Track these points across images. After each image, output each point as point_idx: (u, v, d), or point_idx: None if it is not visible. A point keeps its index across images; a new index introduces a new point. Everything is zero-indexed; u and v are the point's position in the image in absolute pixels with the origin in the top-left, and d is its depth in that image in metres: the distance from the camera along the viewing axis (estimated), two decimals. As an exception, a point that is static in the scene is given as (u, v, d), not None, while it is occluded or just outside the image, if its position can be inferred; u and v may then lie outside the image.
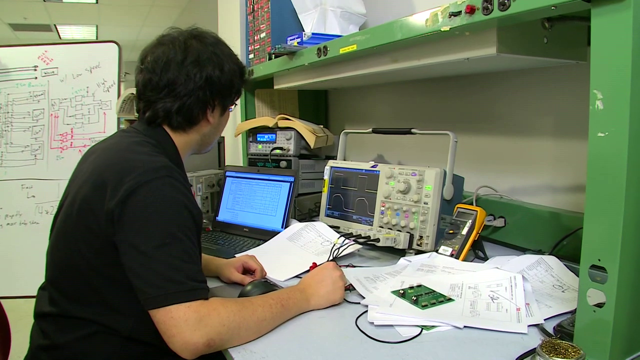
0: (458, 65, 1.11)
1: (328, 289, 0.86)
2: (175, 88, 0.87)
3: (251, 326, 0.75)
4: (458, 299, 0.85)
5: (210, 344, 0.71)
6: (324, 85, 1.79)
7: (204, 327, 0.71)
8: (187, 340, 0.70)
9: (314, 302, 0.85)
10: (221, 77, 0.90)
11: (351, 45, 1.16)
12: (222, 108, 0.94)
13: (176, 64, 0.87)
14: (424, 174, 1.14)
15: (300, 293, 0.85)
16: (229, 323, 0.73)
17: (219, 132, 0.98)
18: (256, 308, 0.77)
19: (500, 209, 1.24)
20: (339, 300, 0.87)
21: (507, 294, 0.83)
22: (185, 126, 0.90)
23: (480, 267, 0.98)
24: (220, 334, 0.72)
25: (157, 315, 0.71)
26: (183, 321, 0.70)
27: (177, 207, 0.76)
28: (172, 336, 0.70)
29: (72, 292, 0.82)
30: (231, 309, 0.74)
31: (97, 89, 2.27)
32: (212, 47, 0.91)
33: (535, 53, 0.91)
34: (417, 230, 1.13)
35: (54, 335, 0.82)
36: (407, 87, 1.64)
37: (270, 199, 1.42)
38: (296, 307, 0.83)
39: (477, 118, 1.39)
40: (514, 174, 1.29)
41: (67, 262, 0.82)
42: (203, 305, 0.72)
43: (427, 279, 0.94)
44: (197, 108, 0.89)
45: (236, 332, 0.73)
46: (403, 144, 1.64)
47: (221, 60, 0.91)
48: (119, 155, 0.81)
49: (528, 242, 1.16)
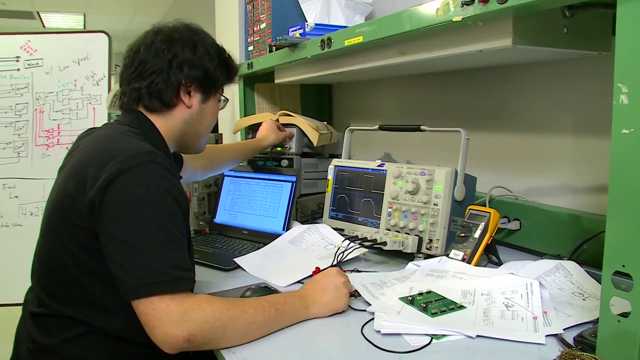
0: (471, 58, 1.10)
1: (330, 296, 0.86)
2: (145, 67, 0.91)
3: (238, 328, 0.75)
4: (470, 307, 0.84)
5: (191, 340, 0.71)
6: (328, 80, 1.79)
7: (186, 322, 0.71)
8: (167, 333, 0.70)
9: (314, 310, 0.84)
10: (192, 59, 0.92)
11: (357, 37, 1.15)
12: (202, 94, 0.95)
13: (147, 45, 0.92)
14: (433, 173, 1.14)
15: (299, 299, 0.84)
16: (214, 321, 0.73)
17: (206, 122, 0.99)
18: (247, 309, 0.77)
19: (515, 211, 1.23)
20: (343, 308, 0.87)
21: (522, 301, 0.83)
22: (162, 108, 0.92)
23: (494, 272, 0.97)
24: (203, 331, 0.72)
25: (140, 306, 0.72)
26: (165, 313, 0.71)
27: (160, 193, 0.76)
28: (153, 328, 0.71)
29: (59, 290, 0.83)
30: (218, 307, 0.74)
31: (86, 82, 2.25)
32: (188, 31, 0.95)
33: (554, 44, 0.91)
34: (426, 233, 1.13)
35: (41, 336, 0.83)
36: (416, 82, 1.64)
37: (270, 200, 1.42)
38: (293, 313, 0.82)
39: (490, 114, 1.39)
40: (530, 174, 1.28)
41: (53, 259, 0.83)
42: (188, 299, 0.73)
43: (437, 284, 0.93)
44: (168, 88, 0.91)
45: (220, 331, 0.73)
46: (411, 142, 1.64)
47: (194, 41, 0.93)
48: (99, 146, 0.83)
49: (545, 246, 1.15)
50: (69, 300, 0.82)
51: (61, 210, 0.81)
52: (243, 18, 1.91)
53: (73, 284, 0.81)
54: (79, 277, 0.81)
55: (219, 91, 1.00)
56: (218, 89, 0.99)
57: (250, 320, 0.76)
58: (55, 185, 0.89)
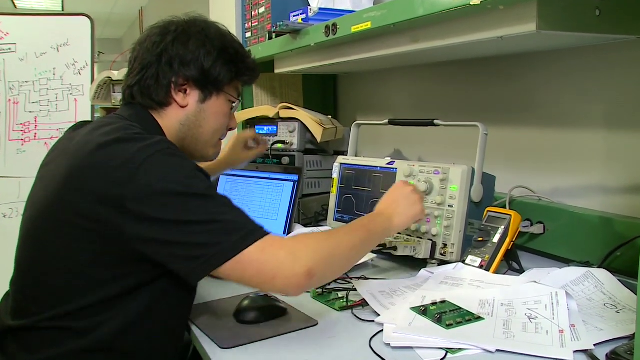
0: (490, 46, 1.10)
1: (404, 205, 0.97)
2: (137, 63, 0.93)
3: (343, 253, 0.83)
4: (489, 318, 0.84)
5: (311, 273, 0.76)
6: (333, 70, 1.79)
7: (298, 259, 0.76)
8: (288, 276, 0.76)
9: (397, 221, 0.95)
10: (182, 53, 0.91)
11: (365, 23, 1.15)
12: (200, 94, 0.95)
13: (143, 39, 0.94)
14: (448, 172, 1.14)
15: (379, 216, 0.95)
16: (321, 250, 0.80)
17: (207, 125, 0.97)
18: (341, 236, 0.85)
19: (539, 213, 1.23)
20: (420, 213, 0.98)
21: (547, 312, 0.83)
22: (155, 106, 0.93)
23: (515, 280, 0.97)
24: (317, 262, 0.78)
25: (239, 268, 0.75)
26: (275, 259, 0.76)
27: (193, 170, 0.79)
28: (272, 279, 0.75)
29: (44, 298, 0.82)
30: (317, 238, 0.82)
31: (67, 70, 2.23)
32: (186, 23, 0.94)
33: (584, 29, 0.90)
34: (440, 238, 1.13)
35: (18, 355, 0.82)
36: (429, 72, 1.64)
37: (270, 201, 1.42)
38: (381, 228, 0.92)
39: (511, 107, 1.38)
40: (556, 172, 1.28)
41: (45, 263, 0.82)
42: (283, 240, 0.79)
43: (452, 293, 0.93)
44: (157, 85, 0.91)
45: (330, 260, 0.81)
46: (424, 138, 1.64)
47: (188, 34, 0.92)
48: (107, 141, 0.81)
49: (573, 253, 1.15)
50: (54, 307, 0.81)
51: (57, 212, 0.80)
52: (240, 1, 1.91)
53: (62, 290, 0.81)
54: (76, 282, 0.80)
55: (224, 90, 0.97)
56: (222, 88, 0.96)
57: (349, 245, 0.84)
58: (44, 183, 0.87)
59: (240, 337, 0.85)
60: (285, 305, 0.95)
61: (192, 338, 0.91)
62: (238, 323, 0.90)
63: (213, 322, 0.92)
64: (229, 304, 0.97)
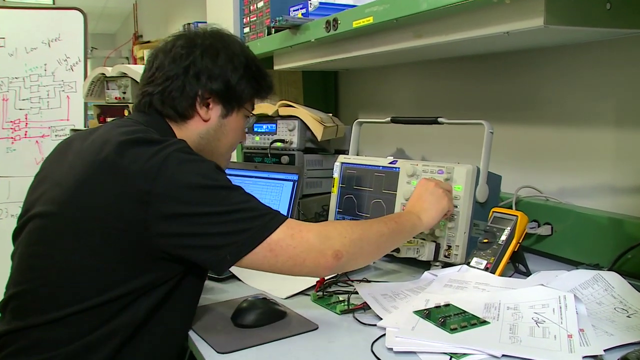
0: (495, 41, 1.10)
1: (430, 199, 1.03)
2: (160, 72, 0.94)
3: (372, 239, 0.89)
4: (494, 322, 0.84)
5: (339, 256, 0.83)
6: (334, 66, 1.79)
7: (326, 241, 0.83)
8: (316, 258, 0.82)
9: (425, 217, 1.01)
10: (211, 68, 0.94)
11: (367, 18, 1.15)
12: (223, 109, 0.97)
13: (167, 49, 0.95)
14: (452, 171, 1.14)
15: (408, 213, 1.01)
16: (349, 234, 0.86)
17: (225, 139, 1.00)
18: (371, 223, 0.92)
19: (546, 214, 1.23)
20: (447, 205, 1.04)
21: (555, 317, 0.82)
22: (176, 118, 0.95)
23: (522, 283, 0.97)
24: (345, 245, 0.84)
25: (268, 255, 0.80)
26: (305, 242, 0.82)
27: (214, 166, 0.84)
28: (303, 262, 0.82)
29: (53, 298, 0.82)
30: (345, 224, 0.89)
31: (58, 66, 2.22)
32: (212, 37, 0.97)
33: (594, 23, 0.89)
34: (444, 239, 1.13)
35: (19, 358, 0.81)
36: (433, 68, 1.64)
37: (269, 201, 1.42)
38: (410, 224, 0.98)
39: (518, 104, 1.38)
40: (564, 172, 1.28)
41: (56, 262, 0.82)
42: (316, 224, 0.85)
43: (456, 297, 0.93)
44: (183, 98, 0.93)
45: (359, 244, 0.87)
46: (428, 136, 1.64)
47: (216, 49, 0.95)
48: (125, 139, 0.83)
49: (581, 255, 1.15)
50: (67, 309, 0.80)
51: (82, 210, 0.81)
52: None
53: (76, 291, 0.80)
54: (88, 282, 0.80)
55: (244, 106, 1.00)
56: (243, 104, 1.00)
57: (379, 232, 0.91)
58: (54, 181, 0.87)
59: (238, 342, 0.85)
60: (284, 308, 0.95)
61: (188, 343, 0.91)
62: (236, 327, 0.90)
63: (210, 326, 0.91)
64: (227, 307, 0.97)
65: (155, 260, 0.81)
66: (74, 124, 2.33)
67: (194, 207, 0.79)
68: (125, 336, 0.82)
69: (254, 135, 1.68)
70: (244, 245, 0.80)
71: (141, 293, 0.82)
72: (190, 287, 0.88)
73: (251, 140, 1.69)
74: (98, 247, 0.80)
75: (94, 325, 0.81)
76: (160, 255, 0.81)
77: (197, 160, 0.83)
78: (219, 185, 0.82)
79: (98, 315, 0.81)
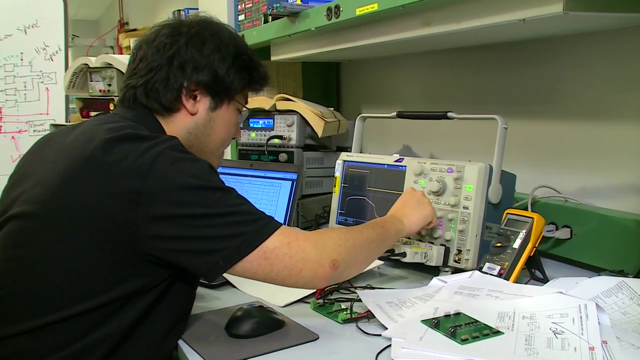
0: (510, 29, 1.10)
1: (414, 206, 1.08)
2: (143, 64, 0.94)
3: (364, 246, 0.92)
4: (509, 332, 0.84)
5: (335, 265, 0.85)
6: (336, 57, 1.79)
7: (322, 250, 0.85)
8: (313, 268, 0.84)
9: (408, 222, 1.05)
10: (197, 58, 0.94)
11: (371, 4, 1.16)
12: (211, 101, 0.97)
13: (151, 39, 0.95)
14: (463, 170, 1.14)
15: (391, 217, 1.05)
16: (344, 242, 0.88)
17: (215, 135, 1.00)
18: (361, 229, 0.95)
19: (565, 216, 1.23)
20: (431, 214, 1.08)
21: (575, 327, 0.82)
22: (162, 111, 0.95)
23: (538, 291, 0.97)
24: (341, 254, 0.87)
25: (262, 263, 0.81)
26: (301, 251, 0.83)
27: (208, 166, 0.85)
28: (299, 271, 0.83)
29: (33, 304, 0.81)
30: (338, 231, 0.92)
31: (36, 56, 2.20)
32: (199, 25, 0.97)
33: (618, 8, 0.89)
34: (454, 243, 1.13)
35: None
36: (442, 58, 1.64)
37: (266, 202, 1.43)
38: (394, 228, 1.02)
39: (534, 97, 1.38)
40: (584, 170, 1.28)
41: (37, 266, 0.82)
42: (311, 233, 0.88)
43: (467, 305, 0.93)
44: (167, 90, 0.93)
45: (353, 252, 0.89)
46: (436, 132, 1.64)
47: (202, 37, 0.95)
48: (111, 136, 0.83)
49: (603, 260, 1.15)
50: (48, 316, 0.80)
51: (65, 210, 0.81)
52: (232, -19, 1.91)
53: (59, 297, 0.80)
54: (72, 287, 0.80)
55: (235, 99, 1.00)
56: (233, 96, 1.00)
57: (369, 238, 0.94)
58: (34, 180, 0.87)
59: (233, 353, 0.85)
60: (282, 317, 0.95)
61: (178, 354, 0.91)
62: (230, 337, 0.90)
63: (202, 336, 0.91)
64: (220, 316, 0.97)
65: (143, 264, 0.81)
66: (54, 119, 2.32)
67: (185, 209, 0.79)
68: (110, 347, 0.82)
69: (250, 132, 1.69)
70: (237, 251, 0.80)
71: (128, 300, 0.82)
72: (181, 294, 0.88)
73: (247, 137, 1.69)
74: (82, 250, 0.80)
75: (77, 335, 0.81)
76: (149, 259, 0.81)
77: (189, 159, 0.83)
78: (212, 187, 0.82)
79: (81, 324, 0.81)
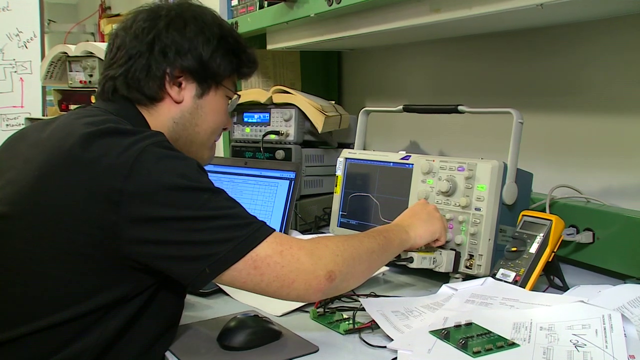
0: (526, 15, 1.10)
1: (424, 219, 1.08)
2: (122, 52, 0.94)
3: (363, 257, 0.91)
4: (525, 344, 0.84)
5: (331, 277, 0.84)
6: (337, 45, 1.79)
7: (318, 260, 0.84)
8: (308, 279, 0.83)
9: (414, 233, 1.04)
10: (179, 41, 0.93)
11: (375, -13, 1.16)
12: (197, 87, 0.97)
13: (128, 25, 0.95)
14: (475, 168, 1.14)
15: (396, 227, 1.05)
16: (342, 252, 0.87)
17: (204, 124, 1.00)
18: (361, 238, 0.94)
19: (587, 218, 1.23)
20: (439, 230, 1.08)
21: (598, 340, 0.82)
22: (145, 100, 0.95)
23: (557, 299, 0.97)
24: (337, 265, 0.86)
25: (253, 273, 0.80)
26: (295, 260, 0.82)
27: (196, 165, 0.85)
28: (292, 283, 0.82)
29: (5, 314, 0.82)
30: (336, 240, 0.91)
31: (8, 42, 2.18)
32: (179, 6, 0.97)
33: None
34: (465, 247, 1.13)
35: None
36: (452, 47, 1.64)
37: (262, 203, 1.43)
38: (398, 239, 1.01)
39: (553, 89, 1.38)
40: (608, 169, 1.28)
41: (8, 272, 0.82)
42: (306, 241, 0.86)
43: (480, 314, 0.93)
44: (149, 78, 0.93)
45: (351, 263, 0.88)
46: (446, 127, 1.64)
47: (184, 19, 0.95)
48: (90, 131, 0.82)
49: (629, 267, 1.14)
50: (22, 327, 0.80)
51: (40, 212, 0.81)
52: (225, -37, 1.91)
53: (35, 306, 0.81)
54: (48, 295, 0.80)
55: (222, 84, 1.01)
56: (220, 82, 1.00)
57: (370, 249, 0.93)
58: (5, 180, 0.87)
59: (225, 367, 0.85)
60: (279, 327, 0.95)
61: (166, 367, 0.91)
62: (223, 349, 0.90)
63: (192, 348, 0.92)
64: (212, 326, 0.97)
65: (125, 270, 0.81)
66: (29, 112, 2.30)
67: (170, 211, 0.78)
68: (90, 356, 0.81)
69: (244, 127, 1.68)
70: (225, 258, 0.79)
71: (109, 309, 0.81)
72: (168, 303, 0.88)
73: (241, 132, 1.69)
74: (58, 254, 0.80)
75: (53, 348, 0.80)
76: (131, 265, 0.80)
77: (176, 157, 0.83)
78: (201, 187, 0.81)
79: (59, 336, 0.80)
